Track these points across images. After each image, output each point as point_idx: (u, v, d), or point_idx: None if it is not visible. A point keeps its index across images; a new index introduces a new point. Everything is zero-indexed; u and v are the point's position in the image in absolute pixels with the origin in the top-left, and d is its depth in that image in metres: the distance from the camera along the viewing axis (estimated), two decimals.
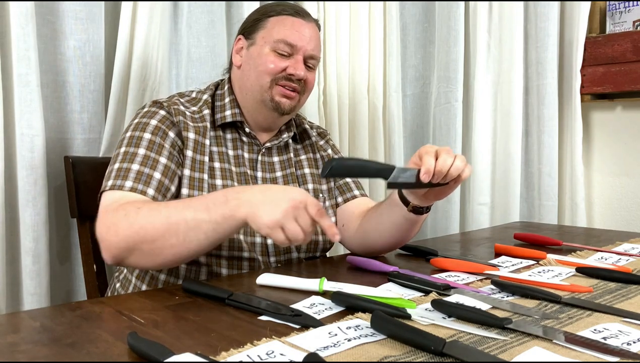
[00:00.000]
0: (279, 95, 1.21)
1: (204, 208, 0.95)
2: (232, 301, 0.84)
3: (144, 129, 1.15)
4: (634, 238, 1.38)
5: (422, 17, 2.19)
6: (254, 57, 1.23)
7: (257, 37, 1.24)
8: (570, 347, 0.67)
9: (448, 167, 1.01)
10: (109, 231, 1.00)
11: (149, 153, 1.11)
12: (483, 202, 2.09)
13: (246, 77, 1.24)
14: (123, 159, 1.11)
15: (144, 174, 1.09)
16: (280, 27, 1.22)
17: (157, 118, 1.16)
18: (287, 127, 1.32)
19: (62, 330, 0.75)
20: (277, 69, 1.20)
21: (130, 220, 0.98)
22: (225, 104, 1.25)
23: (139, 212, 0.99)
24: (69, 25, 1.46)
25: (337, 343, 0.68)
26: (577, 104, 2.00)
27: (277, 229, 0.91)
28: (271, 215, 0.91)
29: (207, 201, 0.97)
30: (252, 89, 1.23)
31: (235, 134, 1.26)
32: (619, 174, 2.06)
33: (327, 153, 1.38)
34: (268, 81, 1.21)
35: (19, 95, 1.31)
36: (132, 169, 1.09)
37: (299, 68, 1.21)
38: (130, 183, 1.07)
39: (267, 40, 1.22)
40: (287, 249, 1.23)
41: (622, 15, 1.98)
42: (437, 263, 1.10)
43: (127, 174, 1.08)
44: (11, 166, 1.34)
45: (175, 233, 0.96)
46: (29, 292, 1.34)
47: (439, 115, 2.12)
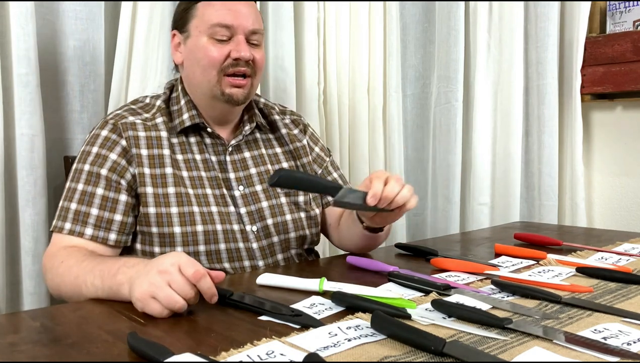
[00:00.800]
0: (229, 87, 1.15)
1: (100, 276, 0.92)
2: (232, 301, 0.84)
3: (84, 159, 1.13)
4: (634, 238, 1.38)
5: (422, 17, 2.19)
6: (192, 51, 1.16)
7: (190, 28, 1.17)
8: (571, 347, 0.67)
9: (394, 194, 1.04)
10: (45, 275, 1.08)
11: (107, 194, 1.10)
12: (483, 202, 2.09)
13: (191, 74, 1.18)
14: (81, 199, 1.10)
15: (104, 219, 1.09)
16: (212, 11, 1.14)
17: (98, 142, 1.13)
18: (248, 117, 1.26)
19: (62, 330, 0.75)
20: (220, 57, 1.13)
21: (53, 273, 1.03)
22: (181, 108, 1.19)
23: (59, 267, 1.02)
24: (69, 25, 1.47)
25: (337, 343, 0.68)
26: (577, 104, 2.00)
27: (148, 300, 0.80)
28: (140, 288, 0.82)
29: (105, 269, 0.92)
30: (200, 86, 1.17)
31: (197, 137, 1.20)
32: (619, 174, 2.06)
33: (302, 143, 1.32)
34: (215, 74, 1.14)
35: (19, 95, 1.32)
36: (91, 214, 1.09)
37: (243, 49, 1.13)
38: (91, 231, 1.08)
39: (202, 29, 1.14)
40: (272, 251, 1.21)
41: (622, 15, 1.98)
42: (437, 263, 1.10)
43: (87, 219, 1.09)
44: (11, 166, 1.34)
45: (79, 294, 0.96)
46: (29, 292, 1.34)
47: (439, 115, 2.12)
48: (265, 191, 1.23)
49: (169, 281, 0.80)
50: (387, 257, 1.25)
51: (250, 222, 1.19)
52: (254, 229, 1.19)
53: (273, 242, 1.21)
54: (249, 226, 1.18)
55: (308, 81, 1.86)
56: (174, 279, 0.81)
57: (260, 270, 1.17)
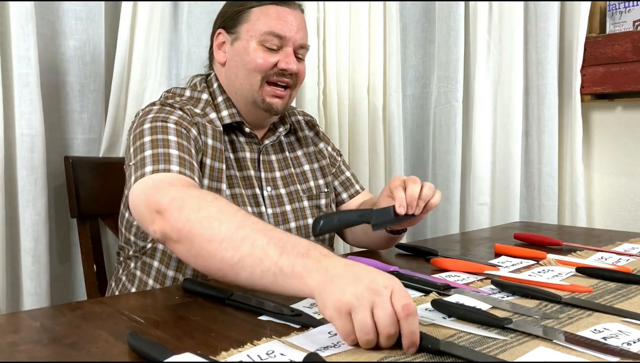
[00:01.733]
0: (269, 97, 1.16)
1: (280, 245, 0.75)
2: (232, 301, 0.84)
3: (165, 120, 1.06)
4: (634, 238, 1.38)
5: (422, 17, 2.19)
6: (240, 53, 1.16)
7: (241, 31, 1.17)
8: (571, 347, 0.67)
9: (417, 196, 1.07)
10: (173, 203, 0.85)
11: (181, 141, 1.02)
12: (483, 202, 2.09)
13: (234, 76, 1.18)
14: (154, 145, 0.98)
15: (186, 160, 0.99)
16: (266, 18, 1.15)
17: (176, 115, 1.08)
18: (281, 119, 1.29)
19: (62, 330, 0.75)
20: (267, 65, 1.14)
21: (202, 203, 0.84)
22: (219, 104, 1.19)
23: (215, 201, 0.84)
24: (69, 25, 1.46)
25: (337, 343, 0.68)
26: (577, 104, 2.00)
27: (343, 315, 0.66)
28: (341, 294, 0.66)
29: (288, 241, 0.76)
30: (241, 88, 1.18)
31: (232, 135, 1.21)
32: (619, 174, 2.06)
33: (318, 148, 1.35)
34: (259, 80, 1.15)
35: (19, 95, 1.31)
36: (171, 153, 0.97)
37: (291, 62, 1.15)
38: (177, 167, 0.95)
39: (253, 34, 1.15)
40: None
41: (622, 15, 1.98)
42: (437, 263, 1.10)
43: (169, 158, 0.96)
44: (11, 166, 1.34)
45: (232, 249, 0.78)
46: (29, 292, 1.34)
47: (439, 115, 2.12)
48: (289, 194, 1.25)
49: (374, 303, 0.65)
50: (387, 257, 1.25)
51: (274, 224, 1.20)
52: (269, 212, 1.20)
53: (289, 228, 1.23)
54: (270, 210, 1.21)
55: (308, 81, 1.86)
56: (381, 304, 0.65)
57: None
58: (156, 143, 1.00)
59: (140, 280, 1.17)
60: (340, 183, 1.36)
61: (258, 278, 0.76)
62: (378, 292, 0.65)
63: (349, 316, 0.66)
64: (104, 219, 1.47)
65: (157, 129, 1.03)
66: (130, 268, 1.21)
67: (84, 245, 1.42)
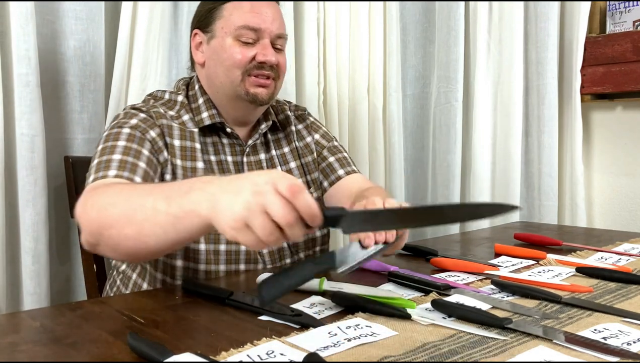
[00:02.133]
0: (253, 87, 1.14)
1: (165, 196, 0.77)
2: (232, 301, 0.84)
3: (121, 126, 1.08)
4: (634, 238, 1.38)
5: (422, 17, 2.19)
6: (217, 51, 1.15)
7: (215, 29, 1.15)
8: (571, 347, 0.67)
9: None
10: (81, 213, 0.88)
11: (129, 144, 1.03)
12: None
13: (214, 74, 1.17)
14: (102, 153, 1.02)
15: (128, 162, 1.00)
16: (239, 12, 1.13)
17: (137, 118, 1.10)
18: (264, 116, 1.25)
19: (62, 330, 0.75)
20: (245, 59, 1.13)
21: (96, 199, 0.86)
22: (199, 106, 1.18)
23: (107, 190, 0.87)
24: (69, 25, 1.46)
25: (337, 343, 0.68)
26: (577, 104, 2.00)
27: (243, 229, 0.68)
28: (232, 211, 0.69)
29: (172, 188, 0.79)
30: (223, 86, 1.16)
31: (214, 137, 1.19)
32: (619, 174, 2.06)
33: (306, 141, 1.31)
34: (239, 75, 1.13)
35: (19, 95, 1.31)
36: (113, 159, 1.00)
37: (269, 54, 1.13)
38: (114, 171, 0.98)
39: (228, 30, 1.13)
40: (281, 255, 1.19)
41: (622, 15, 1.98)
42: (437, 263, 1.10)
43: (109, 164, 0.99)
44: (11, 166, 1.34)
45: (129, 222, 0.80)
46: (29, 292, 1.34)
47: (439, 115, 2.12)
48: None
49: (264, 204, 0.67)
50: (387, 257, 1.25)
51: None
52: None
53: (283, 247, 1.20)
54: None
55: (308, 81, 1.86)
56: (270, 202, 0.67)
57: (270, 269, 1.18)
58: (104, 151, 1.03)
59: (134, 284, 1.17)
60: (321, 171, 1.30)
61: (163, 236, 0.78)
62: (262, 192, 0.68)
63: (248, 228, 0.68)
64: None
65: (110, 136, 1.06)
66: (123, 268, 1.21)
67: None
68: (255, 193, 0.68)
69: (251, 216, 0.67)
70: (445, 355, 0.65)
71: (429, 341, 0.69)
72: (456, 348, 0.67)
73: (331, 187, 1.28)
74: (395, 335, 0.71)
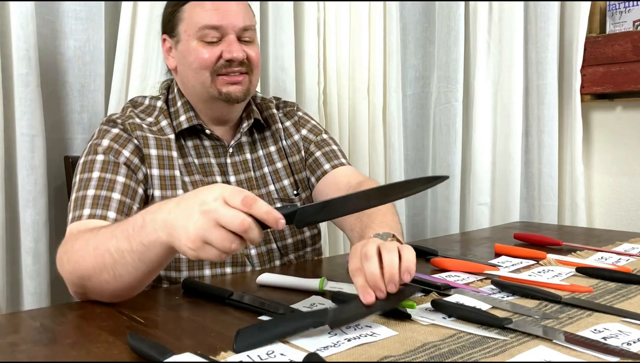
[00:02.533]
0: (225, 86, 1.12)
1: (125, 236, 0.80)
2: (232, 301, 0.84)
3: (95, 151, 1.07)
4: (634, 238, 1.38)
5: (422, 17, 2.19)
6: (184, 55, 1.13)
7: (180, 32, 1.14)
8: (571, 347, 0.67)
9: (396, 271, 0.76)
10: (61, 265, 0.92)
11: (103, 174, 1.04)
12: (483, 202, 2.09)
13: (185, 79, 1.16)
14: (78, 187, 1.03)
15: (101, 197, 1.01)
16: (199, 12, 1.11)
17: (109, 136, 1.09)
18: (246, 114, 1.23)
19: (62, 330, 0.75)
20: (211, 59, 1.10)
21: (68, 254, 0.89)
22: (178, 109, 1.17)
23: (75, 244, 0.89)
24: (69, 25, 1.46)
25: (337, 343, 0.68)
26: (577, 104, 2.00)
27: (203, 247, 0.72)
28: (187, 233, 0.72)
29: (128, 227, 0.81)
30: (194, 89, 1.15)
31: (195, 140, 1.18)
32: (619, 173, 2.06)
33: (293, 140, 1.28)
34: (207, 76, 1.11)
35: (19, 95, 1.31)
36: (87, 195, 1.01)
37: (235, 49, 1.10)
38: (88, 211, 0.99)
39: (190, 32, 1.11)
40: (270, 257, 1.19)
41: (622, 15, 1.98)
42: (437, 263, 1.10)
43: (84, 201, 1.00)
44: (11, 166, 1.34)
45: (104, 268, 0.83)
46: (29, 292, 1.34)
47: (439, 115, 2.12)
48: (262, 197, 1.20)
49: (216, 219, 0.70)
50: None
51: None
52: None
53: (272, 248, 1.20)
54: None
55: (308, 81, 1.86)
56: (221, 215, 0.70)
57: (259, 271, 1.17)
58: (80, 184, 1.04)
59: None
60: (308, 167, 1.27)
61: (134, 272, 0.81)
62: (211, 211, 0.71)
63: (206, 244, 0.72)
64: None
65: (85, 165, 1.06)
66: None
67: None
68: (205, 212, 0.71)
69: (206, 234, 0.71)
70: (445, 355, 0.65)
71: (429, 341, 0.69)
72: (456, 348, 0.67)
73: (318, 183, 1.25)
74: (395, 335, 0.71)
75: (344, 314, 0.74)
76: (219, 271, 1.13)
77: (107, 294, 0.86)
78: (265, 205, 0.72)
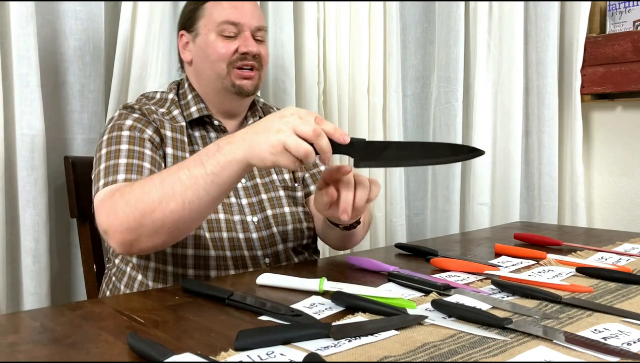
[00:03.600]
0: (238, 79, 1.21)
1: (199, 163, 0.90)
2: (232, 301, 0.84)
3: (120, 128, 1.13)
4: (634, 238, 1.38)
5: (422, 17, 2.19)
6: (202, 48, 1.22)
7: (199, 27, 1.23)
8: (571, 347, 0.67)
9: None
10: (109, 217, 0.96)
11: (132, 147, 1.10)
12: (483, 202, 2.09)
13: (201, 70, 1.24)
14: (107, 158, 1.08)
15: (134, 165, 1.07)
16: (219, 9, 1.21)
17: (132, 118, 1.16)
18: (252, 112, 1.32)
19: (62, 330, 0.75)
20: (229, 52, 1.20)
21: (126, 197, 0.95)
22: (188, 101, 1.25)
23: (132, 187, 0.96)
24: (69, 25, 1.46)
25: (337, 343, 0.68)
26: (577, 104, 2.00)
27: (282, 152, 0.85)
28: (269, 140, 0.85)
29: (200, 155, 0.91)
30: (210, 80, 1.23)
31: (202, 131, 1.25)
32: (619, 174, 2.06)
33: None
34: (224, 67, 1.20)
35: (19, 95, 1.32)
36: (119, 163, 1.07)
37: (250, 44, 1.20)
38: (123, 176, 1.05)
39: (210, 27, 1.21)
40: (272, 242, 1.22)
41: (622, 15, 1.98)
42: (437, 263, 1.10)
43: (117, 168, 1.06)
44: (11, 166, 1.34)
45: (172, 197, 0.91)
46: (29, 292, 1.34)
47: (439, 115, 2.12)
48: (265, 184, 1.27)
49: (294, 127, 0.85)
50: (387, 257, 1.25)
51: (251, 213, 1.22)
52: (254, 220, 1.21)
53: (273, 232, 1.23)
54: (249, 217, 1.21)
55: (308, 81, 1.86)
56: (299, 123, 0.85)
57: (261, 263, 1.19)
58: (109, 155, 1.09)
59: (129, 277, 1.18)
60: (311, 176, 1.34)
61: (206, 197, 0.91)
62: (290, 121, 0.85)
63: (285, 150, 0.85)
64: None
65: (112, 139, 1.12)
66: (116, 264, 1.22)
67: (84, 245, 1.42)
68: (285, 123, 0.85)
69: (287, 139, 0.84)
70: (445, 355, 0.65)
71: (429, 341, 0.69)
72: (456, 348, 0.67)
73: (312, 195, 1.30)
74: (395, 335, 0.71)
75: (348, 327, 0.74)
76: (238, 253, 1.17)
77: (167, 228, 0.93)
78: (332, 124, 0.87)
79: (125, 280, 1.19)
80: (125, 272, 1.19)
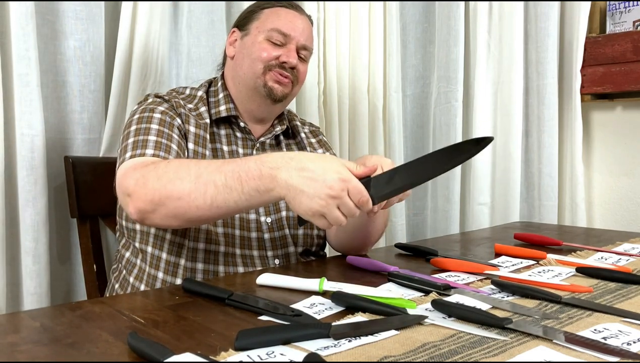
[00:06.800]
0: (272, 81, 1.22)
1: (236, 177, 0.93)
2: (232, 301, 0.84)
3: (152, 110, 1.17)
4: (634, 238, 1.38)
5: (422, 17, 2.19)
6: (247, 46, 1.25)
7: (251, 28, 1.26)
8: (571, 347, 0.67)
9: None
10: (137, 183, 0.99)
11: (162, 128, 1.13)
12: (483, 202, 2.09)
13: (239, 66, 1.26)
14: (137, 133, 1.11)
15: (163, 143, 1.09)
16: (274, 18, 1.25)
17: (163, 106, 1.19)
18: (279, 120, 1.34)
19: (62, 330, 0.75)
20: (270, 57, 1.22)
21: (159, 172, 0.97)
22: (219, 100, 1.27)
23: (168, 165, 0.98)
24: (69, 25, 1.46)
25: (337, 343, 0.68)
26: (577, 104, 2.00)
27: (319, 217, 0.91)
28: (310, 206, 0.90)
29: (240, 170, 0.93)
30: (244, 77, 1.25)
31: (228, 130, 1.28)
32: (619, 174, 2.06)
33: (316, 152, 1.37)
34: (261, 68, 1.22)
35: (19, 95, 1.31)
36: (149, 139, 1.09)
37: (292, 56, 1.23)
38: (152, 151, 1.07)
39: (261, 30, 1.24)
40: (284, 243, 1.24)
41: (622, 15, 1.98)
42: (437, 263, 1.10)
43: (146, 143, 1.08)
44: (11, 166, 1.34)
45: (202, 195, 0.94)
46: (29, 292, 1.34)
47: (439, 115, 2.12)
48: None
49: (339, 205, 0.90)
50: (387, 257, 1.25)
51: (265, 214, 1.23)
52: (268, 221, 1.22)
53: (285, 234, 1.24)
54: (263, 217, 1.22)
55: (308, 81, 1.86)
56: (344, 203, 0.90)
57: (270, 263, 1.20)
58: (139, 131, 1.12)
59: (132, 287, 1.19)
60: None
61: (235, 207, 0.95)
62: (337, 198, 0.90)
63: (323, 217, 0.91)
64: (104, 219, 1.47)
65: (143, 118, 1.15)
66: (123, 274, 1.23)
67: (84, 245, 1.42)
68: (332, 198, 0.90)
69: (327, 212, 0.90)
70: (445, 355, 0.65)
71: (429, 341, 0.69)
72: (456, 348, 0.67)
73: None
74: (395, 335, 0.71)
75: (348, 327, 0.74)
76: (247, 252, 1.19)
77: (186, 218, 0.97)
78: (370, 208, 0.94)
79: (135, 272, 1.20)
80: (136, 265, 1.20)
